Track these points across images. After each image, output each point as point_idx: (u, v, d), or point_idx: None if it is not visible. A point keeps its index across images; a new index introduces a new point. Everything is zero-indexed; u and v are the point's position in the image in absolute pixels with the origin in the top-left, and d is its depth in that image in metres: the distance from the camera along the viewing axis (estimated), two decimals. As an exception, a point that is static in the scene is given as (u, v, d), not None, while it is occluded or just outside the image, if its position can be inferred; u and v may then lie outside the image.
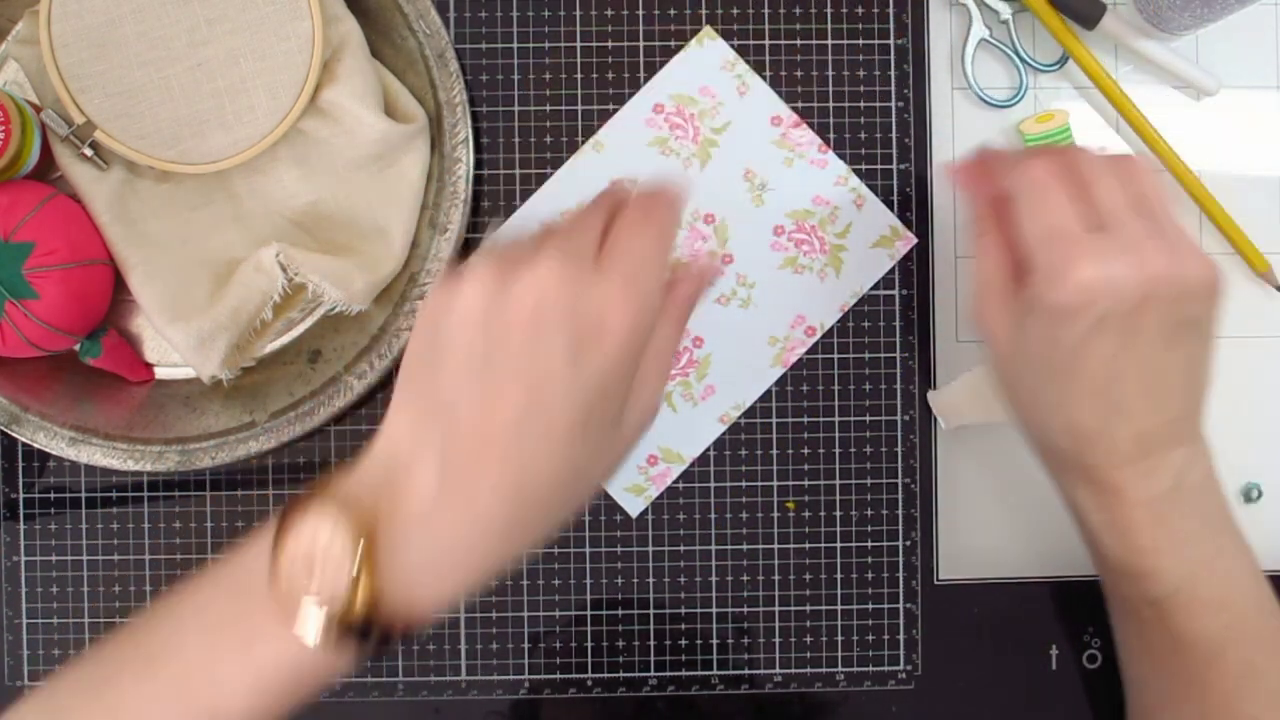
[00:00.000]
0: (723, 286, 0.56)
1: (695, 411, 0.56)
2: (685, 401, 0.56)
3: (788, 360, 0.56)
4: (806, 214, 0.56)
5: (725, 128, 0.56)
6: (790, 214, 0.56)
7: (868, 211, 0.56)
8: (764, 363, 0.56)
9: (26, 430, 0.52)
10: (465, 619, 0.56)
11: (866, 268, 0.56)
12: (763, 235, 0.56)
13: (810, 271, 0.56)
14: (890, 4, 0.56)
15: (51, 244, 0.49)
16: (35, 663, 0.55)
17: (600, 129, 0.56)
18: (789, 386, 0.56)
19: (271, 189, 0.54)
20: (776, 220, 0.56)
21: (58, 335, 0.50)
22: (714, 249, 0.56)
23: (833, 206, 0.56)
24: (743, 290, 0.56)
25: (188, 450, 0.52)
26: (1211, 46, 0.57)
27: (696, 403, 0.56)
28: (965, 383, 0.56)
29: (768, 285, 0.56)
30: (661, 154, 0.55)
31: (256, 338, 0.54)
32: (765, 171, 0.56)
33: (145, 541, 0.55)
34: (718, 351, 0.56)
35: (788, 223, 0.56)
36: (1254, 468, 0.57)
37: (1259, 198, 0.57)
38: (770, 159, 0.56)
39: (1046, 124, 0.56)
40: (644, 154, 0.56)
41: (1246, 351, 0.57)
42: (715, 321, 0.56)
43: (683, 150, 0.56)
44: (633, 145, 0.56)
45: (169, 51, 0.51)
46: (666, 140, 0.56)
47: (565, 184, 0.56)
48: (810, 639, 0.56)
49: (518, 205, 0.56)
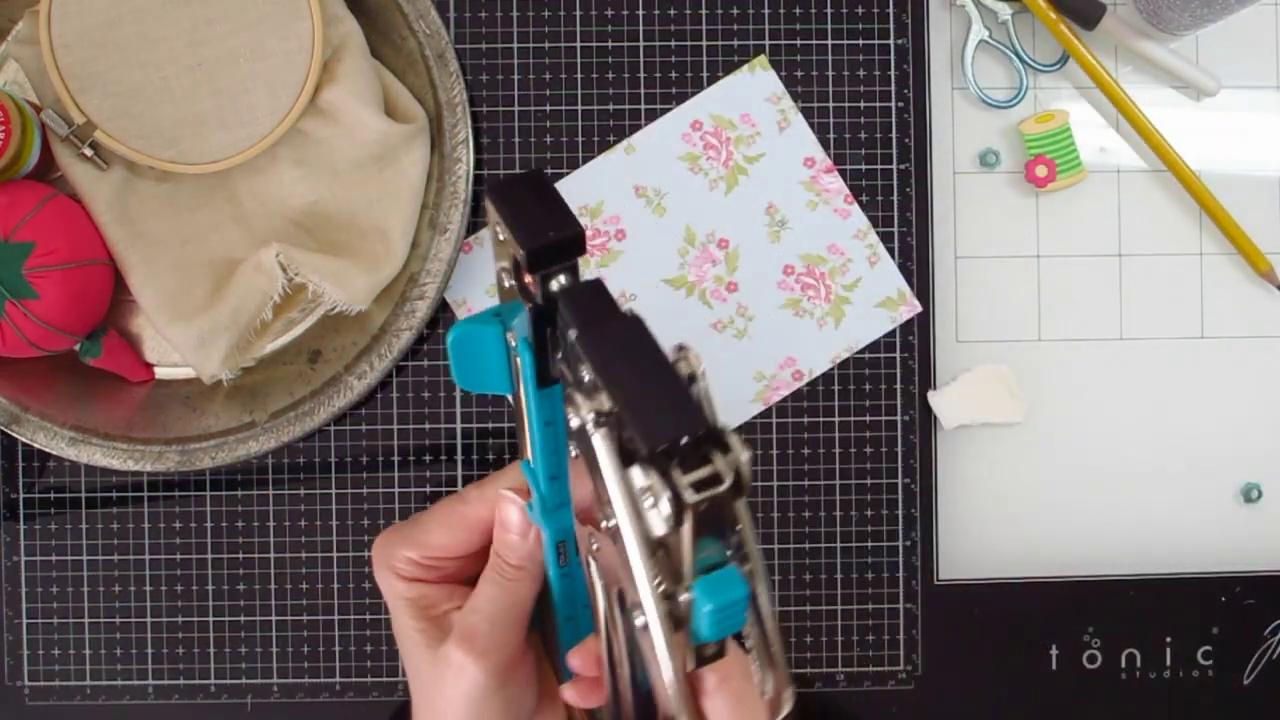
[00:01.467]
0: (721, 313, 0.56)
1: None
2: None
3: (769, 399, 0.56)
4: (819, 260, 0.56)
5: (758, 158, 0.56)
6: (804, 256, 0.56)
7: (880, 271, 0.56)
8: (746, 396, 0.56)
9: (26, 430, 0.52)
10: (465, 619, 0.56)
11: (866, 324, 0.56)
12: (772, 271, 0.56)
13: (811, 317, 0.56)
14: (890, 4, 0.56)
15: (51, 244, 0.49)
16: (35, 663, 0.55)
17: (636, 134, 0.56)
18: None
19: (271, 189, 0.54)
20: (788, 260, 0.56)
21: (58, 335, 0.50)
22: (721, 275, 0.56)
23: (846, 258, 0.56)
24: (740, 321, 0.56)
25: (188, 450, 0.52)
26: (1211, 46, 0.57)
27: None
28: (965, 383, 0.56)
29: (766, 322, 0.56)
30: (690, 170, 0.56)
31: (256, 338, 0.53)
32: (788, 209, 0.56)
33: (145, 541, 0.55)
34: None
35: (799, 264, 0.56)
36: (1254, 468, 0.57)
37: (1259, 198, 0.57)
38: (795, 198, 0.56)
39: (1046, 124, 0.56)
40: (672, 166, 0.56)
41: (1246, 351, 0.57)
42: (707, 346, 0.55)
43: (711, 171, 0.56)
44: (663, 156, 0.56)
45: (169, 51, 0.51)
46: (698, 159, 0.56)
47: (591, 180, 0.56)
48: (810, 639, 0.56)
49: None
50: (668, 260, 0.56)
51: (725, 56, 0.56)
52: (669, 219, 0.56)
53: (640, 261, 0.56)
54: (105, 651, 0.55)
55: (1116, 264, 0.57)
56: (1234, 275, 0.57)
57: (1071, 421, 0.57)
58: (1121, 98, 0.55)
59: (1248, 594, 0.56)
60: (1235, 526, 0.57)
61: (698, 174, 0.56)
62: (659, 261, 0.56)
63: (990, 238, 0.57)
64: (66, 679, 0.55)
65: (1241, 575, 0.57)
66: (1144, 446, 0.57)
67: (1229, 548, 0.57)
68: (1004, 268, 0.57)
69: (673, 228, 0.56)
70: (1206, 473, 0.57)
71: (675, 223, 0.56)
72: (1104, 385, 0.57)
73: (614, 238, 0.55)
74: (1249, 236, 0.56)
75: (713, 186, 0.56)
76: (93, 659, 0.55)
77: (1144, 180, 0.57)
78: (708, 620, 0.31)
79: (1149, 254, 0.57)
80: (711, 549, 0.32)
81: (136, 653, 0.55)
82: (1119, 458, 0.57)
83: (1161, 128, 0.55)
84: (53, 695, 0.55)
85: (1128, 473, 0.57)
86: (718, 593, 0.31)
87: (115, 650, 0.55)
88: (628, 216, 0.56)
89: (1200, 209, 0.56)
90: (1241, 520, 0.57)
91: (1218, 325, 0.57)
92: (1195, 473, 0.57)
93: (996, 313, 0.57)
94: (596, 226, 0.55)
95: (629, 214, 0.55)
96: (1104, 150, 0.57)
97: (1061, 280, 0.57)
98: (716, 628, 0.32)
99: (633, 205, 0.55)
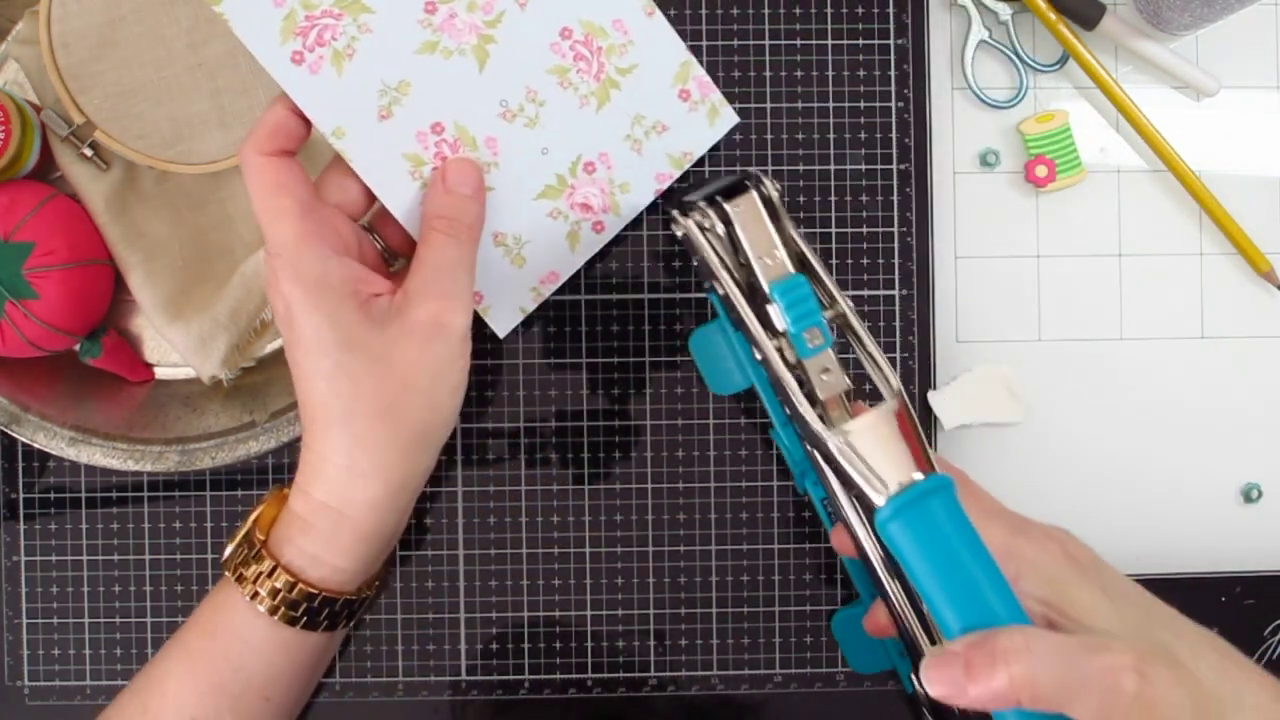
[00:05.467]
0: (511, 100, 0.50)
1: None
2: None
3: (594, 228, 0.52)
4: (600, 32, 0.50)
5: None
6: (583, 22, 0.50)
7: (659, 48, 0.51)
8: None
9: (26, 430, 0.52)
10: (465, 619, 0.56)
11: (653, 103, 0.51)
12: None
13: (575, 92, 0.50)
14: (890, 4, 0.56)
15: (51, 244, 0.49)
16: (35, 663, 0.55)
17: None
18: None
19: (271, 189, 0.54)
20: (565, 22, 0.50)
21: (58, 335, 0.50)
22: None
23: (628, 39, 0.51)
24: (531, 107, 0.50)
25: (188, 450, 0.52)
26: (1211, 46, 0.57)
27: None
28: (965, 383, 0.56)
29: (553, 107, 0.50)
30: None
31: (256, 338, 0.54)
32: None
33: (145, 541, 0.55)
34: (500, 177, 0.50)
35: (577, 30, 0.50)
36: (1254, 468, 0.57)
37: (1259, 198, 0.57)
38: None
39: (1046, 124, 0.56)
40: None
41: (1246, 351, 0.57)
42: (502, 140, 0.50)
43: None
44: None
45: (169, 51, 0.51)
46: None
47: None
48: (810, 639, 0.56)
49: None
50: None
51: (725, 56, 0.56)
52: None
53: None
54: (105, 651, 0.55)
55: (1116, 264, 0.57)
56: (1234, 275, 0.57)
57: (1071, 421, 0.57)
58: (1121, 98, 0.55)
59: (1248, 594, 0.56)
60: (1235, 526, 0.57)
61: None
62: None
63: (990, 238, 0.57)
64: (66, 679, 0.55)
65: (1241, 575, 0.57)
66: (1144, 446, 0.57)
67: (1229, 548, 0.57)
68: (1004, 268, 0.57)
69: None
70: (1206, 473, 0.57)
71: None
72: (1104, 385, 0.57)
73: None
74: (1249, 236, 0.56)
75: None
76: (93, 659, 0.55)
77: (1144, 180, 0.57)
78: (788, 316, 0.43)
79: (1149, 254, 0.57)
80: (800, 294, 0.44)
81: (136, 653, 0.55)
82: (1119, 458, 0.57)
83: (1161, 128, 0.55)
84: (53, 695, 0.55)
85: (1128, 472, 0.57)
86: (788, 291, 0.43)
87: (115, 650, 0.55)
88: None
89: (1200, 209, 0.56)
90: (1241, 520, 0.57)
91: (1218, 325, 0.57)
92: (1195, 473, 0.57)
93: (996, 313, 0.57)
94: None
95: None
96: (1104, 150, 0.57)
97: (1061, 280, 0.57)
98: (795, 318, 0.43)
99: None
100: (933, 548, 0.39)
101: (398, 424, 0.45)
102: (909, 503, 0.39)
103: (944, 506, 0.39)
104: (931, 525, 0.39)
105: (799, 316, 0.43)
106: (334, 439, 0.44)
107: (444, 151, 0.49)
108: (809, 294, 0.43)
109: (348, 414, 0.44)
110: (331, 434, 0.44)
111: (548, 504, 0.56)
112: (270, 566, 0.45)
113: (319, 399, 0.44)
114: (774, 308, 0.44)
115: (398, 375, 0.44)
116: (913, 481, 0.40)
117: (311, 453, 0.45)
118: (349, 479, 0.45)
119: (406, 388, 0.44)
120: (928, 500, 0.39)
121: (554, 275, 0.53)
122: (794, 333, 0.43)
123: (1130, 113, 0.55)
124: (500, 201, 0.50)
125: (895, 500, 0.39)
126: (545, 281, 0.53)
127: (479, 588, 0.56)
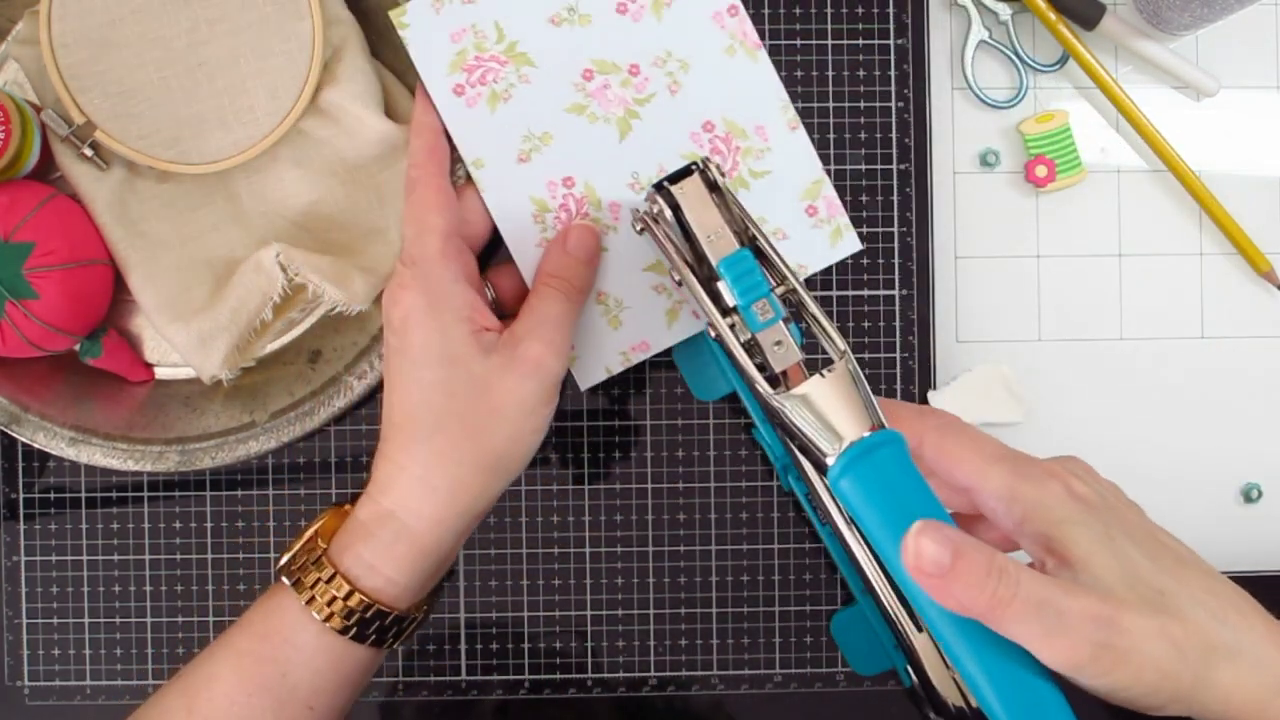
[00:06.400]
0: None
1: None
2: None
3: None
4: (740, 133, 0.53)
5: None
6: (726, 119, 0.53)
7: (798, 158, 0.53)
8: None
9: (26, 430, 0.52)
10: (465, 619, 0.56)
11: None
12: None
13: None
14: (890, 4, 0.56)
15: (51, 244, 0.49)
16: (35, 663, 0.55)
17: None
18: (789, 386, 0.56)
19: (271, 189, 0.54)
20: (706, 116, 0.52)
21: (58, 335, 0.50)
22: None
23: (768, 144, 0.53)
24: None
25: (188, 450, 0.52)
26: (1211, 46, 0.57)
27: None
28: (965, 382, 0.56)
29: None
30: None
31: (256, 338, 0.54)
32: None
33: (145, 541, 0.55)
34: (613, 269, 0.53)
35: (719, 124, 0.53)
36: (1254, 468, 0.57)
37: (1259, 198, 0.57)
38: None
39: (1046, 124, 0.56)
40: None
41: (1246, 351, 0.57)
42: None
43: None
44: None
45: (169, 51, 0.51)
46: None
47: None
48: (810, 639, 0.56)
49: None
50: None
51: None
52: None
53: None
54: (105, 651, 0.55)
55: (1116, 264, 0.57)
56: (1234, 275, 0.57)
57: (1071, 421, 0.57)
58: (1121, 98, 0.55)
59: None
60: (1235, 526, 0.57)
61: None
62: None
63: (990, 238, 0.57)
64: (66, 679, 0.55)
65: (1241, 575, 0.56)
66: (1143, 446, 0.57)
67: (1229, 548, 0.57)
68: (1004, 268, 0.57)
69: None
70: (1206, 473, 0.57)
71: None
72: (1104, 385, 0.57)
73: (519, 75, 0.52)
74: (1249, 236, 0.56)
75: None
76: (93, 659, 0.55)
77: (1144, 180, 0.57)
78: (736, 289, 0.44)
79: (1149, 254, 0.57)
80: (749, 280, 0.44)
81: (136, 653, 0.55)
82: (1118, 458, 0.57)
83: (1161, 128, 0.55)
84: (53, 695, 0.55)
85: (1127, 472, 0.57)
86: (733, 264, 0.44)
87: (115, 650, 0.55)
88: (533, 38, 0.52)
89: (1200, 209, 0.56)
90: (1241, 520, 0.57)
91: (1218, 325, 0.57)
92: (1195, 472, 0.57)
93: (996, 313, 0.57)
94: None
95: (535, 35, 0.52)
96: (1104, 150, 0.57)
97: (1061, 280, 0.57)
98: (742, 291, 0.44)
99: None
100: (883, 500, 0.39)
101: (480, 446, 0.46)
102: (858, 456, 0.40)
103: (893, 459, 0.40)
104: (881, 478, 0.39)
105: (746, 289, 0.44)
106: (415, 450, 0.46)
107: (569, 204, 0.52)
108: (754, 267, 0.44)
109: (434, 428, 0.46)
110: (414, 445, 0.46)
111: (548, 504, 0.56)
112: (330, 574, 0.46)
113: (409, 409, 0.46)
114: (723, 284, 0.45)
115: (491, 400, 0.46)
116: (861, 438, 0.40)
117: (388, 461, 0.47)
118: (421, 491, 0.46)
119: (496, 414, 0.46)
120: (876, 453, 0.40)
121: (645, 344, 0.54)
122: (742, 305, 0.44)
123: (1130, 113, 0.55)
124: (610, 264, 0.53)
125: (845, 455, 0.40)
126: (635, 349, 0.54)
127: (479, 588, 0.56)
